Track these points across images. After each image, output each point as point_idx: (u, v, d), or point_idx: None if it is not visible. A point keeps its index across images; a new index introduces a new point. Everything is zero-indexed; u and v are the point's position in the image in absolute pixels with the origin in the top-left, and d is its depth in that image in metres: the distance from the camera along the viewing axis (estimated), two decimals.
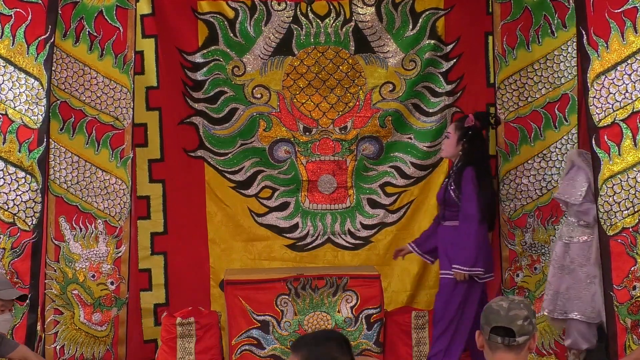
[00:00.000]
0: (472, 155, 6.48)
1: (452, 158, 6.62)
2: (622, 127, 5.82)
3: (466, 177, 6.38)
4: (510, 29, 6.76)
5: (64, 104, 6.48)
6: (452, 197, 6.44)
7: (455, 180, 6.44)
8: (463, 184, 6.37)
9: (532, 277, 6.78)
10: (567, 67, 6.60)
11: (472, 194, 6.35)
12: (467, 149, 6.49)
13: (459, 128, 6.54)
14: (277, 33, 7.19)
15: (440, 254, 6.54)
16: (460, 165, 6.48)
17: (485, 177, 6.48)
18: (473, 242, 6.31)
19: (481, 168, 6.47)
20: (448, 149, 6.59)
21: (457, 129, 6.54)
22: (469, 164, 6.42)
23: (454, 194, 6.43)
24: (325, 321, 6.59)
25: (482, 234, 6.39)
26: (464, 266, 6.31)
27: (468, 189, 6.36)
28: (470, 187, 6.35)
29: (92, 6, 6.49)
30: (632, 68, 5.79)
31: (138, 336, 7.05)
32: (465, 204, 6.35)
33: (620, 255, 5.76)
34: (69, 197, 6.52)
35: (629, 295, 5.82)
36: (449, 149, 6.58)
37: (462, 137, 6.50)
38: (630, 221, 5.79)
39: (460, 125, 6.56)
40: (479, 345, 3.56)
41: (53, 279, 6.47)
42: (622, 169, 5.75)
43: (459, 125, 6.58)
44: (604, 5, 5.81)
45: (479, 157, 6.53)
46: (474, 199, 6.34)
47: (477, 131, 6.54)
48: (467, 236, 6.32)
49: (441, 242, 6.53)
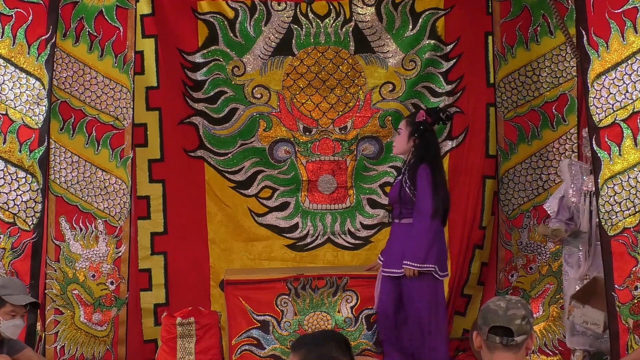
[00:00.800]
0: (424, 152, 6.35)
1: (404, 155, 6.49)
2: (622, 127, 5.82)
3: (421, 174, 6.27)
4: (510, 27, 6.78)
5: (64, 104, 6.49)
6: (407, 195, 6.30)
7: (410, 178, 6.31)
8: (418, 180, 6.26)
9: (527, 277, 6.79)
10: (565, 67, 6.60)
11: (427, 191, 6.24)
12: (419, 145, 6.37)
13: (410, 124, 6.42)
14: (277, 33, 7.20)
15: (397, 252, 6.34)
16: (413, 161, 6.35)
17: (439, 173, 6.38)
18: (424, 238, 6.21)
19: (435, 164, 6.36)
20: (400, 145, 6.46)
21: (409, 125, 6.42)
22: (423, 160, 6.31)
23: (410, 192, 6.29)
24: (325, 321, 6.59)
25: (435, 231, 6.26)
26: (415, 262, 6.19)
27: (423, 185, 6.24)
28: (425, 184, 6.25)
29: (92, 6, 6.50)
30: (632, 68, 5.78)
31: (138, 336, 7.06)
32: (420, 200, 6.24)
33: (621, 256, 5.75)
34: (69, 197, 6.52)
35: (630, 296, 5.82)
36: (401, 145, 6.44)
37: (414, 132, 6.38)
38: (632, 221, 5.79)
39: (411, 120, 6.44)
40: (476, 345, 3.56)
41: (53, 279, 6.48)
42: (622, 169, 5.74)
43: (410, 120, 6.46)
44: (604, 5, 5.80)
45: (432, 153, 6.41)
46: (429, 196, 6.23)
47: (429, 127, 6.43)
48: (419, 232, 6.21)
49: (398, 241, 6.36)
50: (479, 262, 7.35)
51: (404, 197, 6.30)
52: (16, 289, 5.30)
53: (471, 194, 7.30)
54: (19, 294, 5.25)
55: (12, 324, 5.15)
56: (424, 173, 6.27)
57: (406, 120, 6.51)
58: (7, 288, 5.23)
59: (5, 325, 5.12)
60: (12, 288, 5.26)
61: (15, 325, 5.18)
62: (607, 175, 5.79)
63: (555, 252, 6.71)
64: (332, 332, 4.32)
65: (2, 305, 5.16)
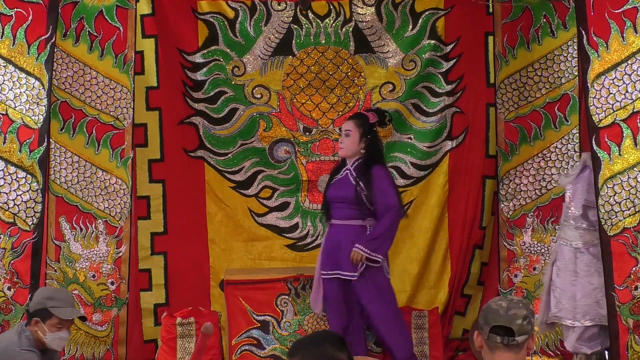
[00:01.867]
0: (374, 153, 6.30)
1: (352, 157, 6.31)
2: (622, 127, 5.82)
3: (379, 174, 6.23)
4: (511, 28, 6.77)
5: (64, 104, 6.49)
6: (361, 196, 6.20)
7: (364, 181, 6.20)
8: (377, 181, 6.18)
9: (530, 277, 6.78)
10: (567, 67, 6.60)
11: (391, 189, 6.24)
12: (369, 146, 6.29)
13: (361, 125, 6.29)
14: (277, 33, 7.20)
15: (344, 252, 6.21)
16: (363, 163, 6.26)
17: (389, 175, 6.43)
18: (387, 230, 6.18)
19: (385, 165, 6.39)
20: (351, 147, 6.28)
21: (359, 126, 6.28)
22: (374, 162, 6.26)
23: (363, 194, 6.20)
24: (325, 321, 6.58)
25: (395, 227, 6.29)
26: (366, 248, 6.14)
27: (385, 185, 6.21)
28: (386, 183, 6.23)
29: (92, 6, 6.49)
30: (632, 68, 5.78)
31: (138, 336, 7.06)
32: (387, 197, 6.18)
33: (621, 256, 5.75)
34: (69, 197, 6.52)
35: (630, 296, 5.82)
36: (352, 147, 6.27)
37: (365, 134, 6.28)
38: (632, 221, 5.79)
39: (361, 122, 6.31)
40: (477, 345, 3.56)
41: (53, 279, 6.47)
42: (622, 169, 5.74)
43: (359, 122, 6.31)
44: (604, 5, 5.80)
45: (380, 154, 6.38)
46: (394, 193, 6.25)
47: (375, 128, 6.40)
48: (384, 224, 6.17)
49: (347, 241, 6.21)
50: (479, 262, 7.35)
51: (357, 199, 6.20)
52: (63, 300, 5.22)
53: (471, 194, 7.31)
54: (67, 307, 5.21)
55: (57, 336, 5.13)
56: (382, 173, 6.26)
57: (355, 122, 6.33)
58: (54, 300, 5.16)
59: (51, 337, 5.10)
60: (59, 300, 5.19)
61: (61, 337, 5.15)
62: (607, 175, 5.79)
63: None
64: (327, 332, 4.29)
65: (48, 318, 5.10)
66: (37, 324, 5.08)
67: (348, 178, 6.27)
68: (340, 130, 6.30)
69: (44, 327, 5.07)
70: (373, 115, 6.35)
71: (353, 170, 6.27)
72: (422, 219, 7.34)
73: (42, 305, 5.10)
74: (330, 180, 6.42)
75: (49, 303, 5.11)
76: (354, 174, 6.25)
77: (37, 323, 5.08)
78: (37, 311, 5.10)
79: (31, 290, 5.88)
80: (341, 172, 6.34)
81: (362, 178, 6.20)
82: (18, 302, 5.95)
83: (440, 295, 7.33)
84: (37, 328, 5.08)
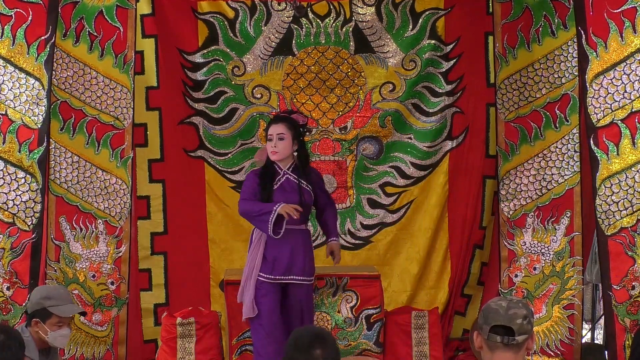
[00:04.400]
0: (306, 154, 6.11)
1: (286, 160, 6.00)
2: (620, 127, 5.83)
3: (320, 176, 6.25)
4: (511, 28, 6.76)
5: (64, 104, 6.49)
6: (312, 199, 6.05)
7: (309, 182, 6.03)
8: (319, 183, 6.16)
9: (531, 277, 6.77)
10: (567, 67, 6.59)
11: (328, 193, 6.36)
12: (299, 148, 6.04)
13: (292, 127, 6.00)
14: (277, 33, 7.20)
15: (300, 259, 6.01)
16: (299, 165, 6.03)
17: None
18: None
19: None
20: (285, 150, 5.96)
21: (290, 129, 5.98)
22: (308, 163, 6.12)
23: (313, 195, 6.05)
24: (325, 321, 6.58)
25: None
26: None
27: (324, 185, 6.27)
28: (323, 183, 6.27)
29: (92, 6, 6.50)
30: (630, 68, 5.79)
31: (138, 336, 7.06)
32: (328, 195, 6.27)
33: (618, 255, 5.75)
34: (69, 197, 6.52)
35: (627, 295, 5.82)
36: (287, 150, 5.96)
37: (297, 136, 6.01)
38: (629, 221, 5.79)
39: (292, 124, 6.01)
40: (477, 345, 3.56)
41: (53, 279, 6.47)
42: (620, 168, 5.75)
43: (291, 125, 6.00)
44: (603, 5, 5.81)
45: (308, 155, 6.20)
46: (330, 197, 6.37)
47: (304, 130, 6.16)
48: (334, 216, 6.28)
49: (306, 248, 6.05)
50: (479, 262, 7.35)
51: (309, 202, 6.04)
52: (61, 298, 5.21)
53: (471, 194, 7.31)
54: (65, 304, 5.21)
55: (59, 334, 5.13)
56: (319, 173, 6.32)
57: (286, 124, 5.97)
58: (52, 299, 5.15)
59: (53, 336, 5.10)
60: (57, 298, 5.19)
61: (63, 335, 5.15)
62: (605, 175, 5.79)
63: (559, 252, 6.70)
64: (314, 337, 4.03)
65: (48, 317, 5.09)
66: (37, 324, 5.08)
67: (292, 182, 6.00)
68: (268, 134, 5.98)
69: (44, 327, 5.07)
70: (301, 117, 6.12)
71: (292, 173, 6.02)
72: (422, 219, 7.35)
73: (41, 305, 5.10)
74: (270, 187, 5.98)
75: (47, 302, 5.10)
76: (295, 177, 6.01)
77: (37, 324, 5.08)
78: (36, 312, 5.10)
79: (30, 290, 5.89)
80: (278, 178, 6.01)
81: (305, 180, 6.02)
82: (17, 302, 5.96)
83: (440, 295, 7.34)
84: (38, 328, 5.08)
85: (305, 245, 6.04)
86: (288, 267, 5.98)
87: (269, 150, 5.99)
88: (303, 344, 3.61)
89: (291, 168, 6.02)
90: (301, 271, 6.00)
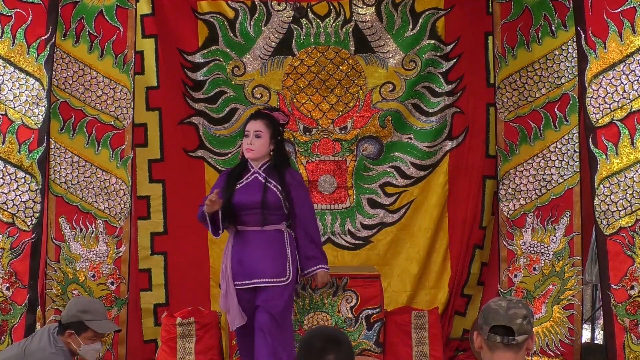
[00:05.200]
0: (283, 154, 5.90)
1: (261, 159, 5.82)
2: (619, 127, 5.83)
3: (296, 178, 5.89)
4: (510, 28, 6.76)
5: (64, 104, 6.49)
6: (279, 201, 5.75)
7: (278, 182, 5.76)
8: (294, 187, 5.79)
9: (530, 277, 6.77)
10: (567, 67, 6.59)
11: (307, 196, 5.99)
12: (278, 148, 5.84)
13: (271, 125, 5.80)
14: (277, 33, 7.20)
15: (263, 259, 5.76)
16: (273, 165, 5.81)
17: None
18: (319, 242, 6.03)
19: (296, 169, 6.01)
20: (262, 149, 5.77)
21: (269, 127, 5.79)
22: (285, 164, 5.87)
23: (281, 197, 5.76)
24: (326, 321, 6.58)
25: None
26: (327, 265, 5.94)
27: (303, 190, 5.92)
28: (303, 189, 5.94)
29: (92, 6, 6.50)
30: (629, 68, 5.79)
31: (138, 336, 7.06)
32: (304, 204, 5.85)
33: (617, 255, 5.76)
34: (69, 197, 6.52)
35: (626, 295, 5.82)
36: (263, 148, 5.77)
37: (276, 134, 5.82)
38: (628, 221, 5.79)
39: (271, 122, 5.82)
40: (477, 346, 3.56)
41: (53, 279, 6.48)
42: (619, 168, 5.75)
43: (269, 122, 5.81)
44: (602, 5, 5.81)
45: (287, 156, 6.01)
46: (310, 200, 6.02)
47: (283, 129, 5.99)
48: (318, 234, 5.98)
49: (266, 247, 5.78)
50: (479, 262, 7.35)
51: (269, 203, 5.74)
52: (98, 313, 5.27)
53: (471, 194, 7.31)
54: (102, 320, 5.24)
55: (92, 348, 5.17)
56: (299, 177, 5.96)
57: (265, 122, 5.81)
58: (90, 313, 5.21)
59: (85, 350, 5.14)
60: (95, 313, 5.23)
61: (95, 349, 5.20)
62: (604, 174, 5.80)
63: (559, 252, 6.70)
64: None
65: (84, 330, 5.14)
66: (71, 335, 5.11)
67: (258, 182, 5.80)
68: (245, 130, 5.83)
69: (78, 340, 5.11)
70: (281, 115, 5.94)
71: (262, 173, 5.82)
72: (422, 219, 7.34)
73: (78, 319, 5.14)
74: (233, 185, 5.82)
75: (85, 316, 5.15)
76: (263, 176, 5.80)
77: (71, 335, 5.11)
78: (71, 324, 5.13)
79: (30, 290, 5.90)
80: (247, 177, 5.84)
81: (276, 180, 5.77)
82: (17, 303, 5.97)
83: (440, 295, 7.33)
84: (71, 340, 5.11)
85: (269, 246, 5.77)
86: (250, 271, 5.76)
87: (244, 147, 5.81)
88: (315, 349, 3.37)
89: (263, 167, 5.82)
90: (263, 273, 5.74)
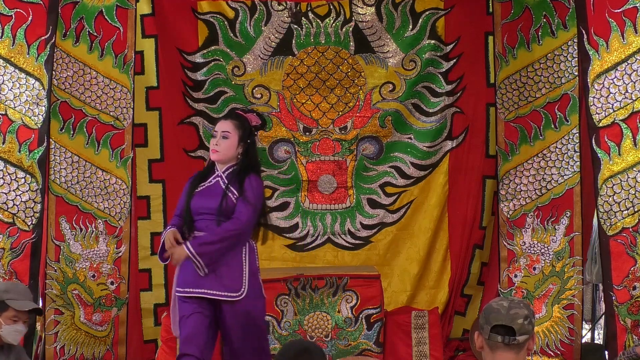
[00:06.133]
0: (252, 160, 5.42)
1: (227, 162, 5.37)
2: (622, 127, 5.83)
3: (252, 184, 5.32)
4: (511, 28, 6.76)
5: (64, 104, 6.49)
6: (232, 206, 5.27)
7: (236, 189, 5.28)
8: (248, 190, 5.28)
9: (530, 277, 6.77)
10: (567, 67, 6.59)
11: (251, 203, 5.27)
12: (246, 151, 5.39)
13: (240, 127, 5.38)
14: (277, 33, 7.20)
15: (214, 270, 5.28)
16: (238, 169, 5.36)
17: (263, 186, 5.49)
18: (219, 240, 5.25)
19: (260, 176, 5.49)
20: (228, 151, 5.34)
21: (238, 128, 5.37)
22: (251, 169, 5.37)
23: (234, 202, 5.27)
24: (325, 321, 6.59)
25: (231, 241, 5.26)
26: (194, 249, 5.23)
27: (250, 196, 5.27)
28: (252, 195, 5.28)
29: (92, 6, 6.50)
30: (632, 68, 5.79)
31: (138, 336, 7.05)
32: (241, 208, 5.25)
33: (620, 255, 5.76)
34: (69, 197, 6.51)
35: (629, 295, 5.82)
36: (229, 151, 5.34)
37: (245, 137, 5.39)
38: (630, 221, 5.79)
39: (241, 124, 5.40)
40: (477, 346, 3.56)
41: (53, 279, 6.47)
42: (622, 169, 5.75)
43: (239, 124, 5.40)
44: (604, 5, 5.81)
45: (257, 161, 5.49)
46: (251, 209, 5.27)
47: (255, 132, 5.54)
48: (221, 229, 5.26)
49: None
50: (479, 262, 7.35)
51: (225, 209, 5.27)
52: (20, 293, 5.24)
53: (471, 194, 7.31)
54: (23, 299, 5.23)
55: (13, 329, 5.13)
56: (256, 184, 5.34)
57: (234, 123, 5.40)
58: (10, 292, 5.19)
59: (7, 330, 5.10)
60: (16, 292, 5.22)
61: (17, 330, 5.16)
62: (607, 175, 5.80)
63: (559, 252, 6.70)
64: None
65: (4, 310, 5.11)
66: None
67: (219, 186, 5.36)
68: (213, 131, 5.46)
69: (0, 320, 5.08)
70: (255, 117, 5.51)
71: (225, 177, 5.36)
72: (422, 219, 7.35)
73: None
74: (194, 188, 5.41)
75: (6, 295, 5.13)
76: (225, 181, 5.34)
77: None
78: None
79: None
80: (209, 180, 5.41)
81: (235, 186, 5.30)
82: None
83: (440, 295, 7.33)
84: None
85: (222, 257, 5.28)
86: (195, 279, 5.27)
87: (210, 148, 5.43)
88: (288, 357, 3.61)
89: (227, 172, 5.37)
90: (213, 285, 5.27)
